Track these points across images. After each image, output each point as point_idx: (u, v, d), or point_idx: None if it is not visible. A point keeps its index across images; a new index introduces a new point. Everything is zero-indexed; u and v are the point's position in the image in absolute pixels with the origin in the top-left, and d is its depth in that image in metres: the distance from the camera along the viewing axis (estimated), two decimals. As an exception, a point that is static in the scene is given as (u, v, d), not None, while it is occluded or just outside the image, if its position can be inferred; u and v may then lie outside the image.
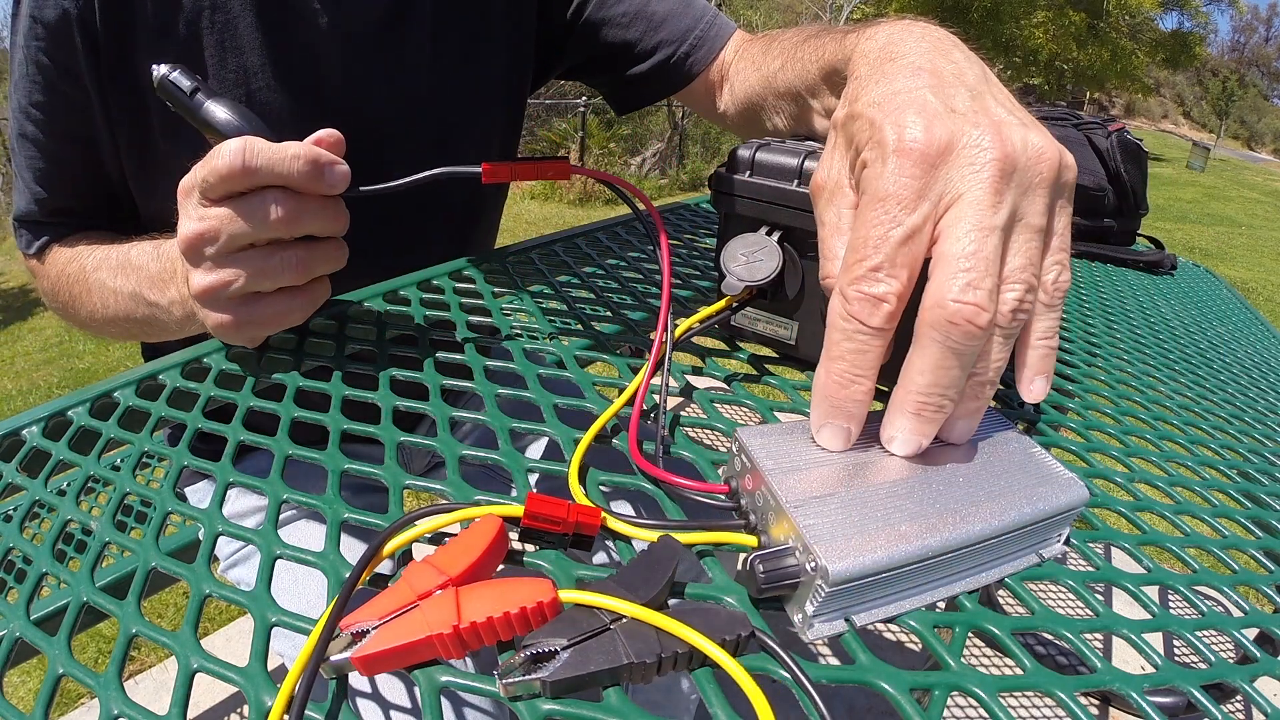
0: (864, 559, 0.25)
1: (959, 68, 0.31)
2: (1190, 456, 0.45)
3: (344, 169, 0.39)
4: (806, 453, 0.30)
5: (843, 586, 0.24)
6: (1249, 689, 0.28)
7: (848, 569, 0.24)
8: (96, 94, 0.53)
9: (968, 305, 0.26)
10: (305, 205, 0.39)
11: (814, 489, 0.27)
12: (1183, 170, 15.69)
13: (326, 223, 0.40)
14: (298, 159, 0.38)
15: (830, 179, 0.32)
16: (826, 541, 0.25)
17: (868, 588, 0.25)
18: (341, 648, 0.24)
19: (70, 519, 0.34)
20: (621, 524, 0.29)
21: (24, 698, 1.24)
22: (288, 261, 0.40)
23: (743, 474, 0.30)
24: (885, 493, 0.28)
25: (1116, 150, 0.94)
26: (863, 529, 0.26)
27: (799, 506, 0.26)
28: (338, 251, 0.42)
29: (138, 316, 0.52)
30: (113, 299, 0.53)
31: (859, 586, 0.25)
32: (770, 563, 0.25)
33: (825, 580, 0.24)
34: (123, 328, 0.55)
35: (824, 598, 0.24)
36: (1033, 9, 17.34)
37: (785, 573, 0.25)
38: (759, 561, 0.26)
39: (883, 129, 0.28)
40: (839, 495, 0.27)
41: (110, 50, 0.52)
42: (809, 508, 0.26)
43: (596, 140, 6.96)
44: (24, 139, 0.56)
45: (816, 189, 0.33)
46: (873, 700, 1.30)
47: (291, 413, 0.39)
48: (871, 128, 0.29)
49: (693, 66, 0.67)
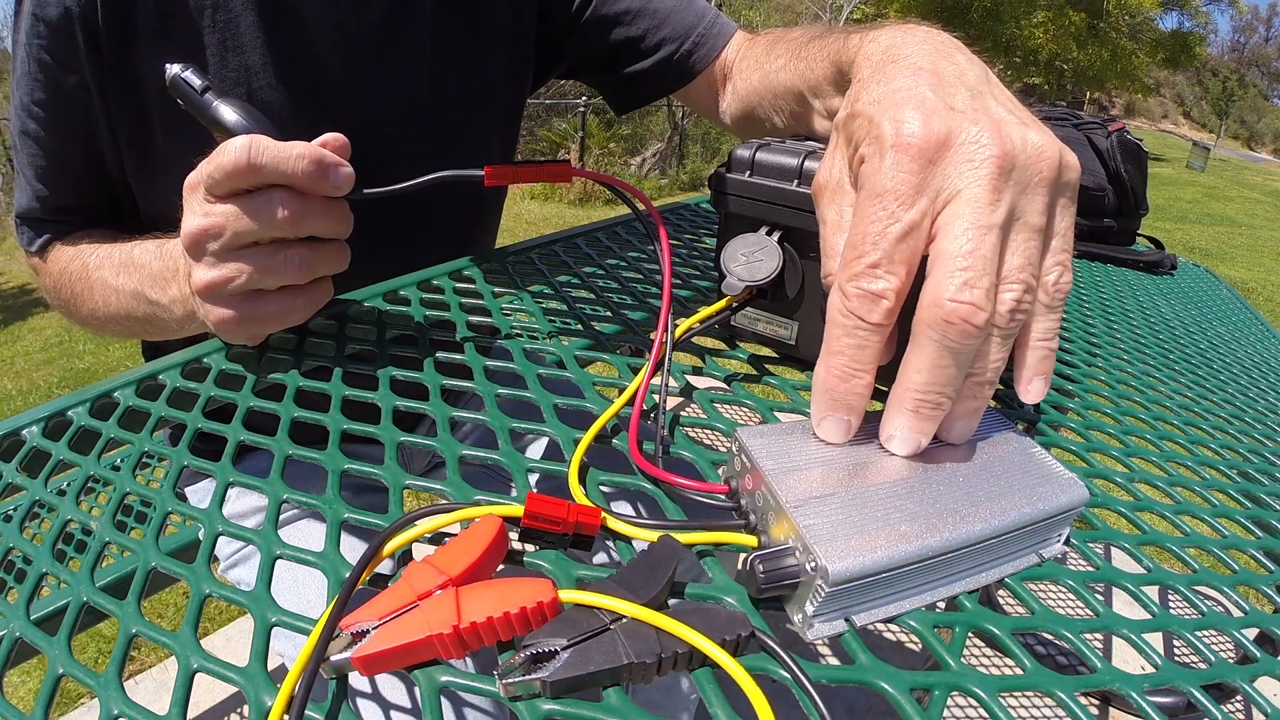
0: (864, 559, 0.24)
1: (960, 69, 0.31)
2: (1190, 456, 0.45)
3: (348, 171, 0.39)
4: (807, 452, 0.30)
5: (843, 586, 0.24)
6: (1249, 689, 0.28)
7: (848, 569, 0.24)
8: (97, 92, 0.53)
9: (964, 304, 0.26)
10: (310, 206, 0.39)
11: (814, 489, 0.27)
12: (1183, 170, 15.69)
13: (330, 224, 0.40)
14: (303, 159, 0.38)
15: (832, 178, 0.32)
16: (826, 542, 0.25)
17: (868, 588, 0.25)
18: (341, 648, 0.24)
19: (70, 519, 0.34)
20: (621, 524, 0.29)
21: (24, 698, 1.24)
22: (291, 260, 0.40)
23: (743, 474, 0.30)
24: (885, 493, 0.28)
25: (1116, 150, 0.94)
26: (863, 529, 0.26)
27: (799, 506, 0.26)
28: (340, 253, 0.42)
29: (139, 315, 0.52)
30: (114, 297, 0.53)
31: (859, 587, 0.25)
32: (770, 563, 0.25)
33: (825, 580, 0.24)
34: (124, 326, 0.55)
35: (824, 598, 0.24)
36: (1033, 9, 17.34)
37: (785, 573, 0.25)
38: (759, 562, 0.25)
39: (880, 124, 0.28)
40: (839, 495, 0.27)
41: (111, 48, 0.52)
42: (809, 508, 0.26)
43: (596, 140, 6.95)
44: (26, 136, 0.56)
45: (819, 188, 0.33)
46: (873, 700, 1.30)
47: (291, 413, 0.39)
48: (870, 124, 0.29)
49: (696, 64, 0.67)
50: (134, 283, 0.51)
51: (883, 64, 0.33)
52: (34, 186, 0.58)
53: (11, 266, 5.41)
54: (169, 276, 0.48)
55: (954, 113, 0.28)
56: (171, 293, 0.48)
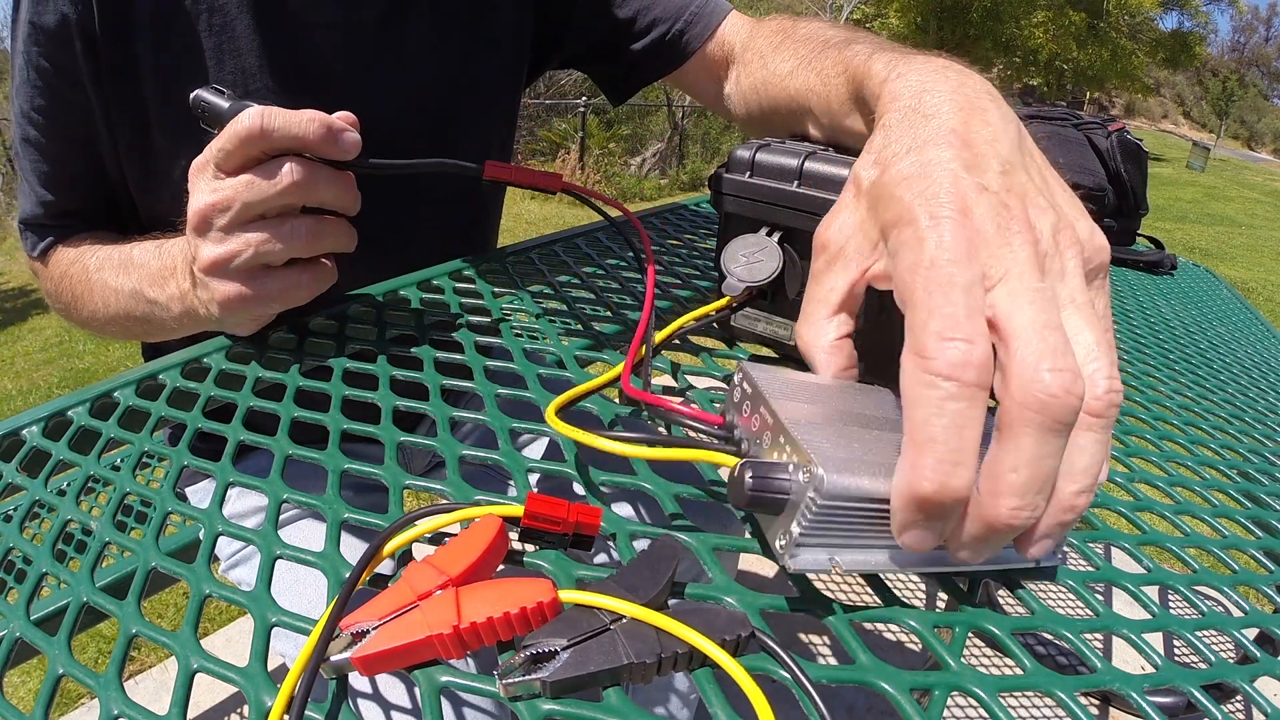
0: (861, 479, 0.24)
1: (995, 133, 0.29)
2: (1190, 456, 0.45)
3: (355, 136, 0.41)
4: (811, 394, 0.28)
5: (835, 503, 0.23)
6: (1249, 689, 0.28)
7: (843, 483, 0.23)
8: (96, 97, 0.53)
9: (1062, 372, 0.22)
10: (319, 172, 0.41)
11: (816, 419, 0.26)
12: (1183, 170, 15.69)
13: (338, 193, 0.42)
14: (313, 121, 0.39)
15: (840, 240, 0.30)
16: (824, 455, 0.24)
17: (859, 522, 0.24)
18: (341, 648, 0.24)
19: (70, 519, 0.34)
20: (607, 441, 0.28)
21: (24, 698, 1.24)
22: (297, 230, 0.41)
23: (741, 404, 0.29)
24: (890, 442, 0.26)
25: (1116, 150, 0.94)
26: (863, 457, 0.25)
27: (798, 424, 0.25)
28: (347, 231, 0.43)
29: (137, 314, 0.52)
30: (114, 298, 0.53)
31: (850, 516, 0.24)
32: (760, 471, 0.24)
33: (819, 491, 0.23)
34: (122, 326, 0.56)
35: (814, 513, 0.23)
36: (1033, 9, 17.35)
37: (774, 484, 0.24)
38: (748, 468, 0.24)
39: (918, 219, 0.26)
40: (841, 428, 0.26)
41: (109, 54, 0.52)
42: (810, 428, 0.25)
43: (596, 140, 6.95)
44: (27, 144, 0.57)
45: (822, 245, 0.31)
46: (873, 700, 1.30)
47: (291, 413, 0.39)
48: (901, 207, 0.27)
49: (689, 44, 0.67)
50: (133, 282, 0.51)
51: (912, 116, 0.30)
52: (38, 193, 0.58)
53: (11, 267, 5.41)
54: (167, 274, 0.48)
55: (986, 194, 0.26)
56: (169, 290, 0.48)
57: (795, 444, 0.25)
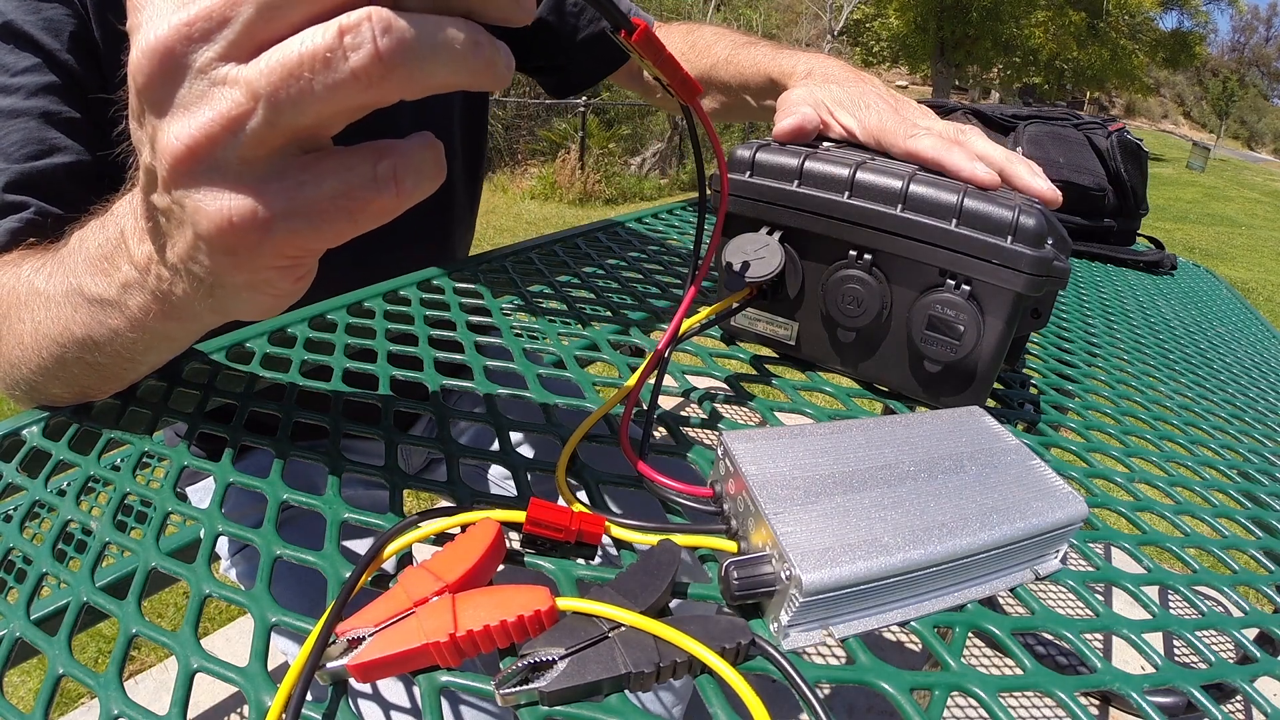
0: (840, 570, 0.24)
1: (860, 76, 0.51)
2: (1190, 456, 0.45)
3: None
4: (793, 459, 0.29)
5: (818, 597, 0.24)
6: (1249, 689, 0.28)
7: (822, 580, 0.24)
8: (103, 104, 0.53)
9: None
10: None
11: (796, 496, 0.27)
12: (1183, 170, 15.69)
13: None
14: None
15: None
16: (803, 551, 0.24)
17: (847, 599, 0.25)
18: (339, 653, 0.24)
19: (70, 519, 0.34)
20: (614, 528, 0.29)
21: (24, 698, 1.24)
22: (363, 56, 0.19)
23: (727, 478, 0.29)
24: (871, 503, 0.27)
25: (1116, 150, 0.93)
26: (843, 539, 0.25)
27: (778, 514, 0.26)
28: (436, 158, 0.23)
29: (76, 334, 0.34)
30: (44, 313, 0.35)
31: (837, 598, 0.24)
32: (745, 569, 0.25)
33: (799, 590, 0.24)
34: (56, 366, 0.37)
35: (799, 607, 0.24)
36: (1033, 9, 17.33)
37: (760, 580, 0.25)
38: (734, 568, 0.25)
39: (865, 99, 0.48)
40: (822, 504, 0.27)
41: (109, 59, 0.52)
42: (789, 515, 0.26)
43: (596, 140, 6.94)
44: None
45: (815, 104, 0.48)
46: (873, 700, 1.30)
47: (291, 413, 0.39)
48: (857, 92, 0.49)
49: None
50: (65, 279, 0.34)
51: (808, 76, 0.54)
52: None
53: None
54: (112, 249, 0.30)
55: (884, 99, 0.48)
56: (123, 272, 0.29)
57: (775, 539, 0.25)
